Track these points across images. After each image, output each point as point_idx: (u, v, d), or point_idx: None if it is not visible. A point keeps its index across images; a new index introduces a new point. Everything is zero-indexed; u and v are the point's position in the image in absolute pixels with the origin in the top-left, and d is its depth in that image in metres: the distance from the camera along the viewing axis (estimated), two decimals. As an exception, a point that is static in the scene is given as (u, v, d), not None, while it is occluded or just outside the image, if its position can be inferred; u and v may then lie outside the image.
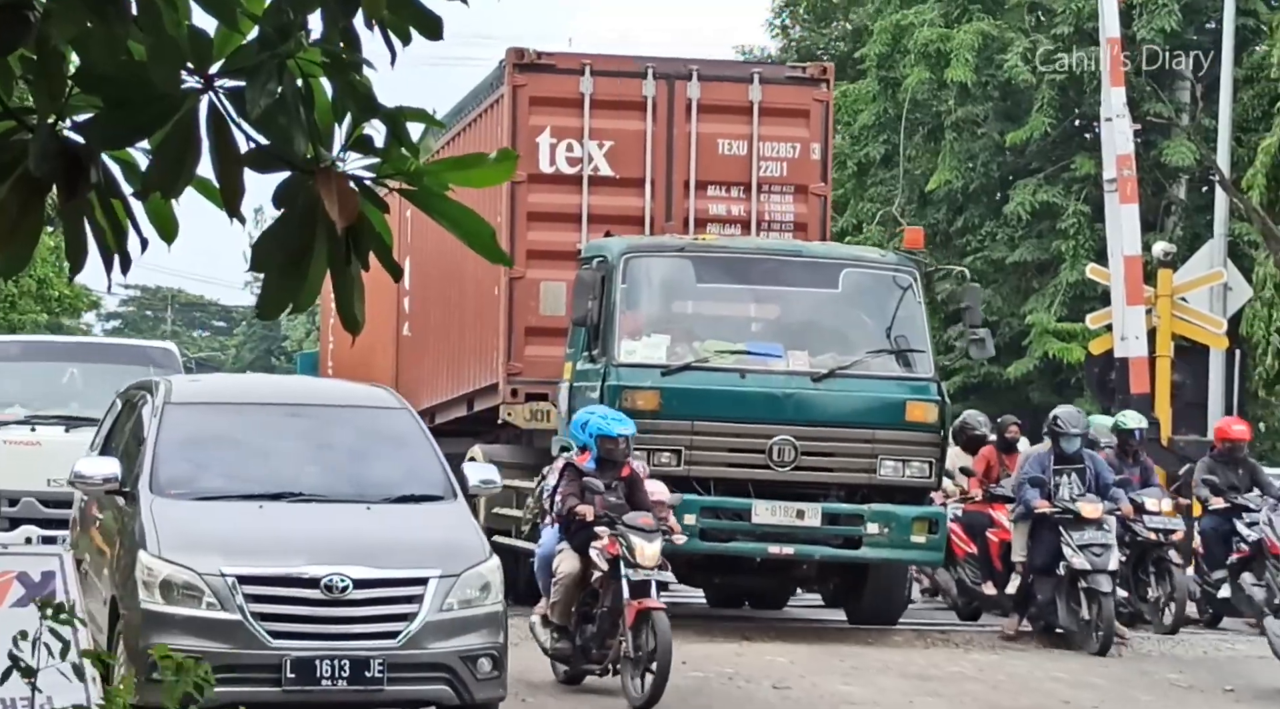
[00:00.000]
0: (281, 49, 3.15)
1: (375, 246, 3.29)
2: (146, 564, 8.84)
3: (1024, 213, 28.00)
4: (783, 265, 14.07)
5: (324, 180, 3.18)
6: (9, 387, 16.28)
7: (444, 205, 3.29)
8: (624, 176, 15.59)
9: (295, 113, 3.18)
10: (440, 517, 9.56)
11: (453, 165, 3.30)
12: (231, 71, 3.18)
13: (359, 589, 8.75)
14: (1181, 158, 26.88)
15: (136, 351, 17.15)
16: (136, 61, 3.16)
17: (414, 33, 3.22)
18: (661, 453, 13.30)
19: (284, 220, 3.22)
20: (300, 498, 9.51)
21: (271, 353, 67.79)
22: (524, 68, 15.59)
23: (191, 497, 9.43)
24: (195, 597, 8.70)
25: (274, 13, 3.18)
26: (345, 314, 3.27)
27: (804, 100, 15.91)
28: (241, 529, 9.12)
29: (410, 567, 9.02)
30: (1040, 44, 27.85)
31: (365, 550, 9.01)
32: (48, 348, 17.38)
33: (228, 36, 3.21)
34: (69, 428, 15.31)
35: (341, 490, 9.65)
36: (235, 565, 8.76)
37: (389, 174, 3.25)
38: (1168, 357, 20.06)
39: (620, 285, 13.67)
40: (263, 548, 8.98)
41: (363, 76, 3.23)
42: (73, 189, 3.18)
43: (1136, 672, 12.96)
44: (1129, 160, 19.21)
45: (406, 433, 10.14)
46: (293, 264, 3.21)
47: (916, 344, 13.89)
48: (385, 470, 9.90)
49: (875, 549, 13.39)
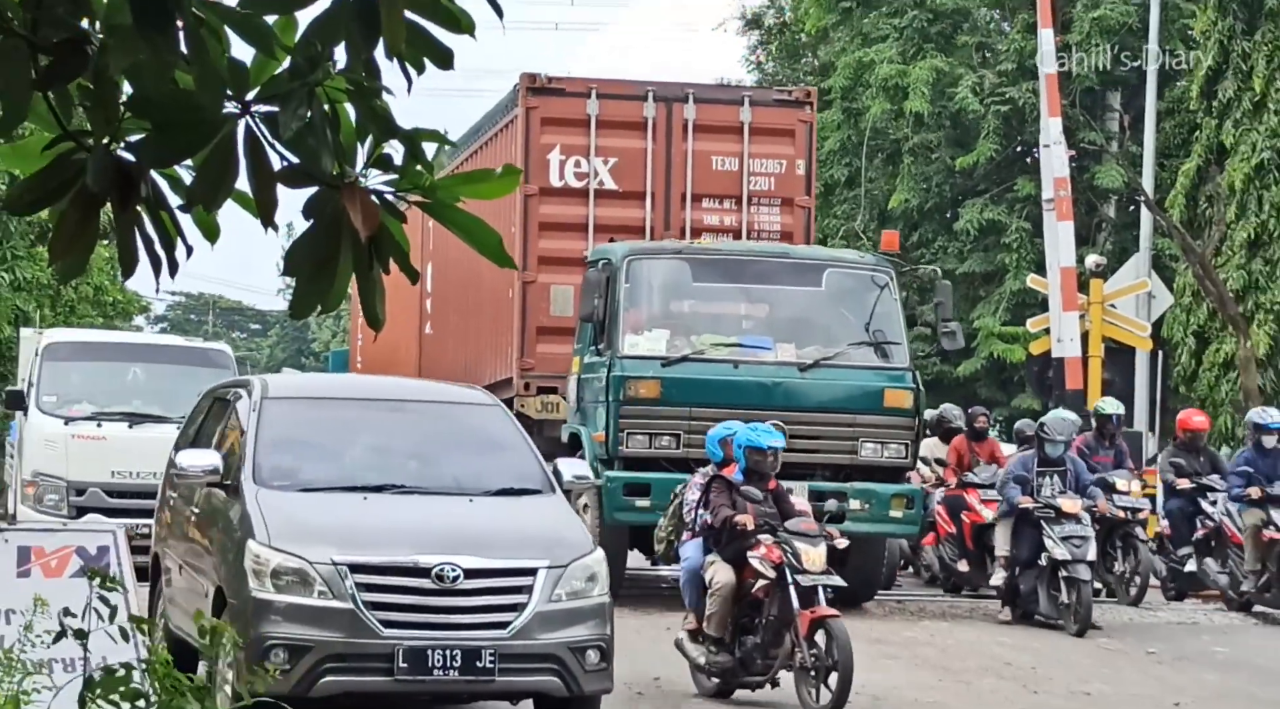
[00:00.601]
0: (311, 78, 3.38)
1: (394, 253, 3.55)
2: (256, 553, 8.50)
3: (972, 229, 28.88)
4: (771, 266, 14.77)
5: (348, 194, 3.42)
6: (77, 384, 16.82)
7: (456, 215, 3.55)
8: (626, 190, 16.53)
9: (323, 134, 3.41)
10: (543, 509, 9.33)
11: (463, 180, 3.59)
12: (266, 98, 3.41)
13: (469, 579, 8.45)
14: (1111, 181, 27.97)
15: (194, 352, 17.66)
16: (182, 89, 3.41)
17: (428, 63, 3.52)
18: (662, 437, 14.06)
19: (313, 230, 3.46)
20: (402, 490, 9.23)
21: (302, 353, 70.08)
22: (536, 91, 16.49)
23: (295, 488, 9.12)
24: (306, 585, 8.36)
25: (304, 45, 3.41)
26: (369, 313, 3.54)
27: (789, 121, 16.84)
28: (349, 519, 8.80)
29: (519, 557, 8.71)
30: (987, 78, 28.85)
31: (473, 541, 8.70)
32: (113, 349, 17.82)
33: (263, 66, 3.44)
34: (132, 424, 16.05)
35: (442, 483, 9.39)
36: (346, 554, 8.40)
37: (406, 188, 3.49)
38: (1099, 357, 21.04)
39: (624, 285, 14.33)
40: (372, 538, 8.63)
41: (382, 102, 3.46)
42: (125, 202, 3.42)
43: (1073, 640, 13.77)
44: (1065, 182, 19.99)
45: (500, 428, 9.91)
46: (321, 269, 3.46)
47: (893, 337, 14.57)
48: (483, 464, 9.65)
49: (857, 523, 13.95)
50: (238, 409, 9.94)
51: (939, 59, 29.36)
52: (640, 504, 13.98)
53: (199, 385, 16.70)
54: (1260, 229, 23.85)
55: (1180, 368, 24.86)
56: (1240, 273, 23.76)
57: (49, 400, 16.41)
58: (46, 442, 16.08)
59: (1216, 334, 24.43)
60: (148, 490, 15.22)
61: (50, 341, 17.18)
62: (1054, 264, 20.27)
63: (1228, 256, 24.10)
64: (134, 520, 15.17)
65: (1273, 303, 23.51)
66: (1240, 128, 24.36)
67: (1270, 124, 23.88)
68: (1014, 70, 28.58)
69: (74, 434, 16.08)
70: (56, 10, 3.41)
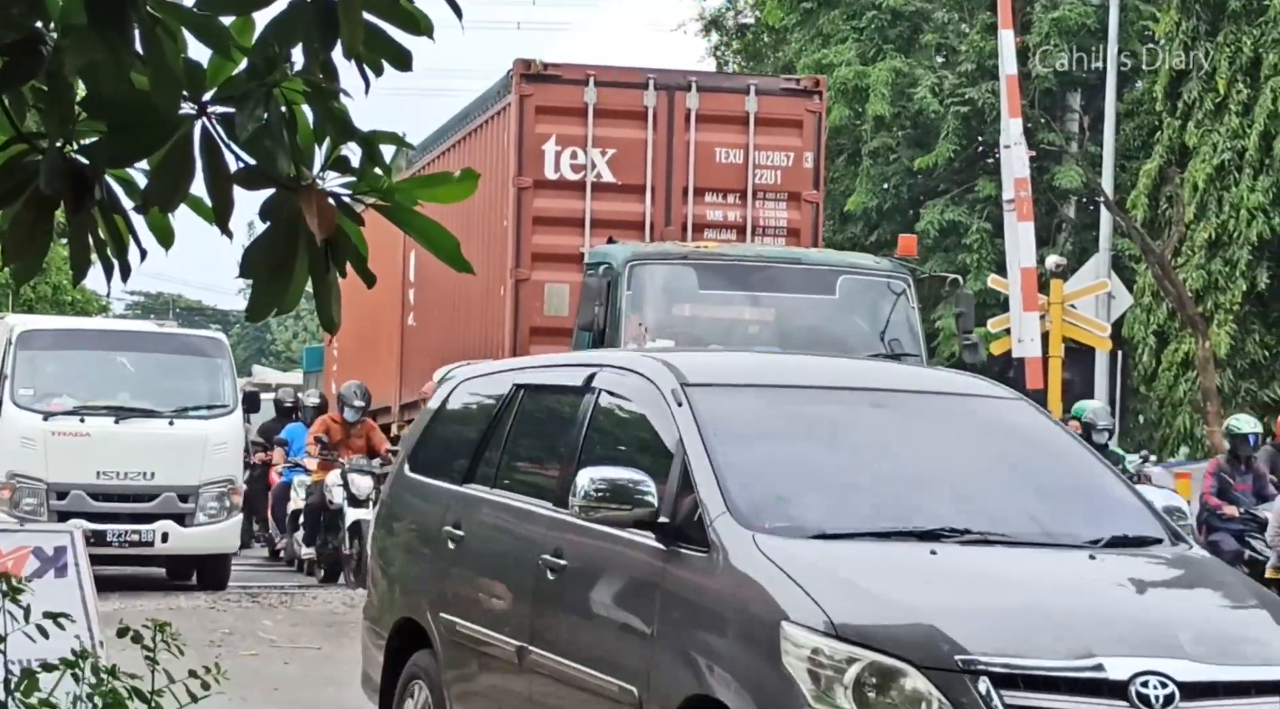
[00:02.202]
0: (268, 79, 3.36)
1: (351, 256, 3.53)
2: (807, 644, 5.18)
3: (933, 230, 28.95)
4: (782, 272, 14.01)
5: (305, 197, 3.39)
6: (56, 376, 15.46)
7: (413, 218, 3.52)
8: (625, 183, 15.82)
9: (280, 136, 3.39)
10: (1204, 574, 6.07)
11: (421, 183, 3.57)
12: (223, 99, 3.39)
13: (1190, 699, 5.15)
14: (1071, 181, 28.14)
15: (186, 341, 16.44)
16: (138, 90, 3.40)
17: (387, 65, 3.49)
18: None
19: (270, 232, 3.44)
20: (974, 538, 5.83)
21: (263, 352, 69.81)
22: (530, 78, 15.75)
23: (804, 533, 5.76)
24: (914, 703, 5.06)
25: (261, 46, 3.39)
26: (324, 316, 3.51)
27: (797, 111, 16.15)
28: (946, 591, 5.45)
29: (1260, 661, 5.41)
30: (946, 79, 28.91)
31: (1167, 631, 5.37)
32: (95, 336, 16.25)
33: (219, 67, 3.42)
34: (118, 419, 14.87)
35: (1022, 526, 6.05)
36: (981, 653, 5.09)
37: (364, 191, 3.46)
38: (1059, 357, 21.23)
39: (625, 292, 13.58)
40: (1008, 623, 5.31)
41: (340, 104, 3.43)
42: (79, 205, 3.39)
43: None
44: (1025, 183, 20.07)
45: (1049, 436, 6.70)
46: (278, 271, 3.43)
47: (910, 348, 13.82)
48: (1062, 495, 6.38)
49: None
50: (625, 405, 6.62)
51: (898, 60, 29.43)
52: None
53: (191, 377, 15.70)
54: (1220, 230, 24.04)
55: (1141, 368, 25.08)
56: (1200, 273, 23.95)
57: (25, 394, 15.01)
58: (23, 439, 14.76)
59: (1176, 334, 24.62)
60: (136, 492, 14.67)
61: (25, 329, 15.52)
62: (1014, 265, 20.33)
63: (1187, 257, 24.28)
64: (121, 526, 14.62)
65: (1232, 303, 23.68)
66: (1202, 128, 24.53)
67: (1232, 125, 24.06)
68: (974, 71, 28.68)
69: (54, 431, 14.80)
70: (10, 11, 3.39)
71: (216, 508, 14.97)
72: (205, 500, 14.94)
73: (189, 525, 14.88)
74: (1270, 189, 23.50)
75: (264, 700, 10.46)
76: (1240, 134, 23.91)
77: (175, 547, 14.94)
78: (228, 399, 15.61)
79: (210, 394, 15.62)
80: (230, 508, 15.13)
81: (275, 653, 12.53)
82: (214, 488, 15.02)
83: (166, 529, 14.78)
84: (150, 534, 14.75)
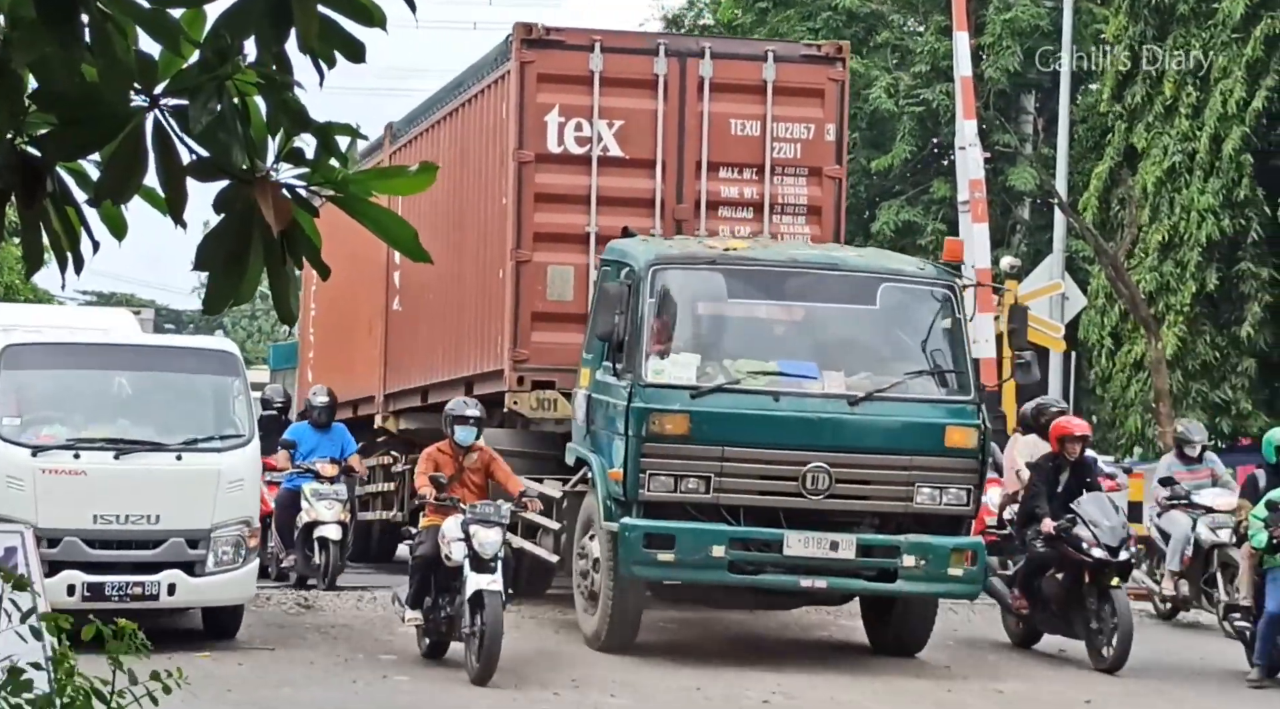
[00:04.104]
0: (220, 71, 3.37)
1: (306, 249, 3.54)
2: None
3: (889, 231, 29.03)
4: (818, 279, 12.97)
5: (260, 189, 3.41)
6: (45, 400, 13.21)
7: (368, 209, 3.52)
8: (634, 157, 14.65)
9: (233, 128, 3.40)
10: None
11: (377, 175, 3.58)
12: (175, 91, 3.39)
13: None
14: (1025, 182, 28.33)
15: (194, 355, 13.88)
16: (89, 82, 3.40)
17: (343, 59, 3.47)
18: (689, 480, 12.23)
19: (224, 224, 3.45)
20: None
21: None
22: (532, 43, 14.60)
23: None
24: None
25: (213, 38, 3.39)
26: (281, 307, 3.52)
27: (819, 79, 14.99)
28: None
29: None
30: (902, 81, 29.00)
31: None
32: (90, 353, 13.58)
33: (171, 59, 3.42)
34: (118, 454, 12.59)
35: None
36: None
37: (319, 182, 3.47)
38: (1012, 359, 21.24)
39: (647, 299, 12.50)
40: None
41: (294, 95, 3.43)
42: (30, 198, 3.41)
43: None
44: (980, 184, 20.22)
45: None
46: (233, 263, 3.44)
47: (957, 364, 12.82)
48: None
49: (911, 582, 12.26)
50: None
51: (855, 60, 29.48)
52: (663, 558, 12.17)
53: (200, 399, 13.23)
54: (1172, 231, 24.22)
55: (1099, 369, 25.21)
56: (1153, 275, 24.14)
57: (10, 424, 12.70)
58: (8, 479, 12.39)
59: (1129, 335, 24.79)
60: (139, 539, 12.53)
61: (8, 344, 13.03)
62: (969, 266, 20.46)
63: (1140, 259, 24.46)
64: (122, 577, 12.44)
65: (1182, 305, 23.87)
66: (1152, 131, 24.74)
67: (1182, 128, 24.24)
68: (929, 72, 28.78)
69: (44, 468, 12.43)
70: (-41, 4, 3.37)
71: (231, 554, 12.75)
72: (218, 546, 12.73)
73: (199, 575, 12.64)
74: (1220, 191, 23.72)
75: (216, 701, 10.42)
76: (1190, 137, 24.12)
77: (183, 599, 12.77)
78: (243, 426, 13.14)
79: (223, 420, 13.20)
80: (246, 553, 12.87)
81: (229, 654, 12.48)
82: (228, 531, 12.75)
83: (173, 580, 12.57)
84: (155, 586, 12.53)
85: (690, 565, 12.18)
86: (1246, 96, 23.47)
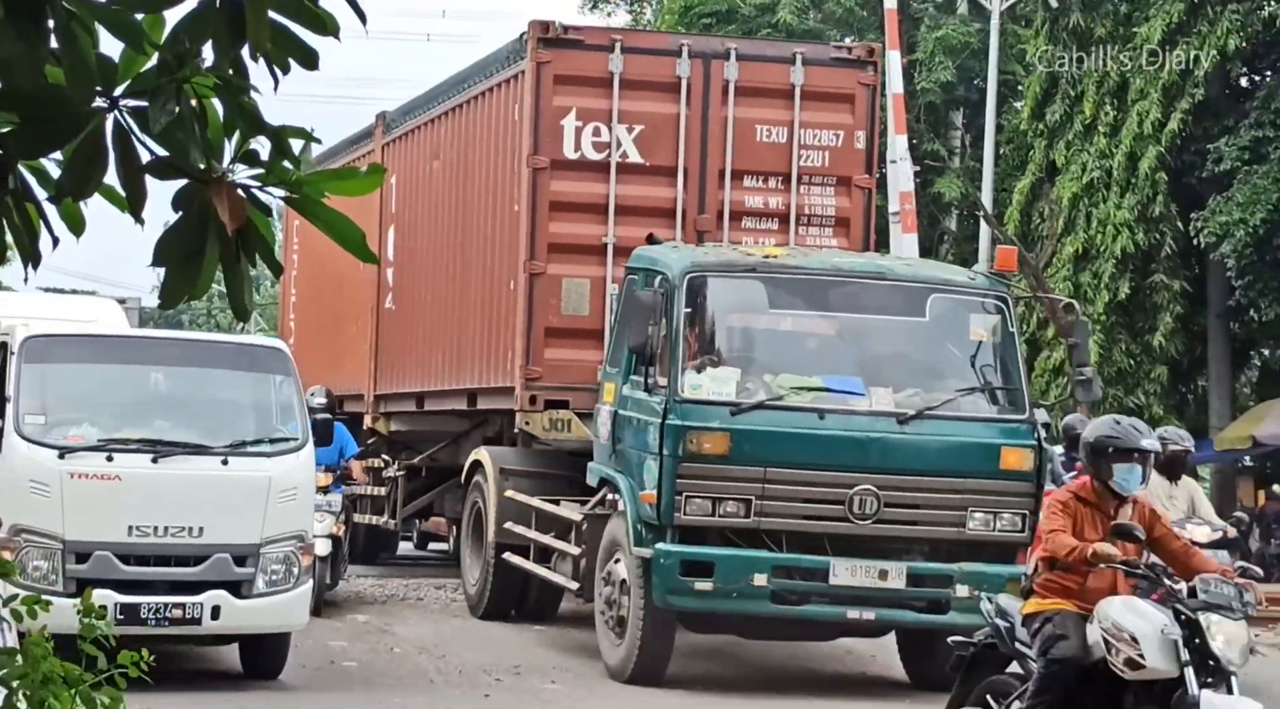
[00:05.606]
0: (179, 73, 3.47)
1: (259, 246, 3.67)
2: None
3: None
4: (864, 289, 12.21)
5: (216, 188, 3.51)
6: (75, 397, 11.87)
7: (319, 210, 3.62)
8: (655, 164, 13.99)
9: (191, 129, 3.49)
10: None
11: (329, 176, 3.68)
12: (135, 92, 3.49)
13: None
14: (952, 191, 28.87)
15: (240, 352, 12.56)
16: (52, 83, 3.52)
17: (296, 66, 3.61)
18: (728, 502, 11.51)
19: (181, 222, 3.54)
20: None
21: None
22: (549, 43, 13.91)
23: None
24: None
25: (172, 42, 3.50)
26: (235, 304, 3.63)
27: (849, 84, 14.33)
28: None
29: None
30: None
31: None
32: (124, 346, 12.47)
33: (131, 61, 3.52)
34: (157, 457, 11.27)
35: None
36: None
37: (273, 183, 3.57)
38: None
39: (683, 309, 11.77)
40: None
41: (249, 99, 3.54)
42: None
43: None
44: (910, 197, 20.79)
45: None
46: (189, 260, 3.53)
47: (1011, 380, 12.16)
48: None
49: (965, 614, 11.07)
50: None
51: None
52: (700, 587, 11.45)
53: (247, 399, 12.06)
54: (1088, 243, 24.89)
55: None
56: (1068, 285, 24.78)
57: (34, 423, 11.34)
58: (32, 484, 11.06)
59: (1049, 343, 25.37)
60: (180, 554, 11.17)
61: (31, 336, 11.65)
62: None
63: (1056, 269, 25.10)
64: (160, 598, 11.08)
65: (1097, 314, 24.56)
66: (1071, 148, 25.41)
67: (1100, 145, 24.93)
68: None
69: (72, 472, 11.08)
70: (-76, 4, 3.46)
71: (282, 573, 11.33)
72: (268, 563, 11.31)
73: (246, 596, 11.22)
74: (1135, 206, 24.46)
75: (179, 688, 10.31)
76: (1108, 154, 24.82)
77: (229, 624, 11.30)
78: (297, 429, 11.83)
79: (273, 423, 11.97)
80: (300, 574, 11.42)
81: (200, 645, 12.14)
82: (279, 547, 11.35)
83: (218, 601, 11.15)
84: (197, 608, 11.10)
85: (730, 595, 11.46)
86: (1162, 118, 24.14)
